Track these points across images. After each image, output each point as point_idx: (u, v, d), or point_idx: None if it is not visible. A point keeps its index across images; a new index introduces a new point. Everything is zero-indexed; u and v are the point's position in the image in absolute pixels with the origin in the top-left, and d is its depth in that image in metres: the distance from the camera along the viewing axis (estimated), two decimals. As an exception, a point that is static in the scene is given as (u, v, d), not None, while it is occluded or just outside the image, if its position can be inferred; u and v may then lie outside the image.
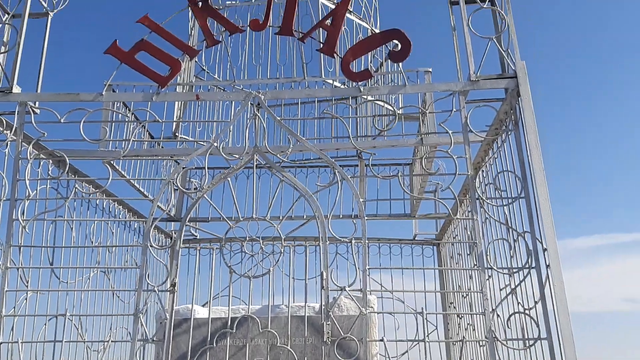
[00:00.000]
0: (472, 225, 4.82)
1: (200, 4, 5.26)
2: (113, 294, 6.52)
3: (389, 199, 7.69)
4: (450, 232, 7.80)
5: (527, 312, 4.62)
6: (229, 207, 7.66)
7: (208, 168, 5.04)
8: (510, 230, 4.89)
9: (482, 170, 5.82)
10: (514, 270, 4.77)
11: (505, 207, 4.98)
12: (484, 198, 4.99)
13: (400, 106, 6.44)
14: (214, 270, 4.97)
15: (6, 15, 5.53)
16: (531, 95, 4.82)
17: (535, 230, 4.70)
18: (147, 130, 6.87)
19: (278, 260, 4.85)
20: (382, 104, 6.65)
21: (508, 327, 4.68)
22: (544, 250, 4.59)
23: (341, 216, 7.93)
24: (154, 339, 4.69)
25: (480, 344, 6.01)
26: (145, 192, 7.11)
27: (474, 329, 6.29)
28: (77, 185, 5.52)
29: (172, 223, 8.34)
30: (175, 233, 8.28)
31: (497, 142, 5.32)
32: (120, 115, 5.94)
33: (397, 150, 6.53)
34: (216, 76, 7.62)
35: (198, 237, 8.29)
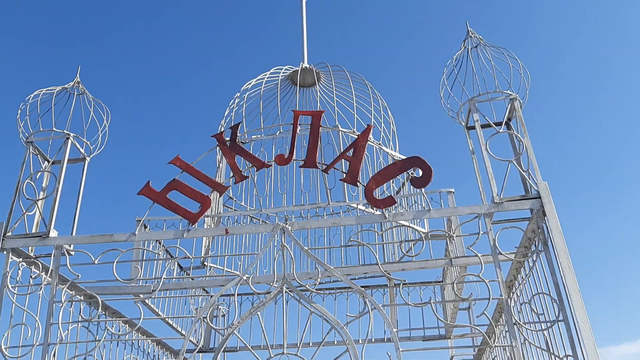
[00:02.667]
0: (512, 351, 4.63)
1: (228, 143, 5.54)
2: None
3: (423, 327, 7.50)
4: (489, 353, 7.48)
5: None
6: (257, 335, 7.54)
7: (237, 295, 5.02)
8: (552, 356, 4.69)
9: (516, 291, 5.69)
10: (562, 400, 4.50)
11: (544, 331, 4.81)
12: (522, 323, 4.83)
13: (426, 227, 6.48)
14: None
15: (46, 163, 5.88)
16: (557, 214, 4.83)
17: (577, 354, 4.50)
18: (177, 262, 6.96)
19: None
20: (407, 223, 6.69)
21: None
22: (591, 376, 4.36)
23: (373, 340, 7.70)
24: None
25: None
26: (174, 325, 7.06)
27: None
28: (108, 326, 5.52)
29: (201, 354, 8.18)
30: (204, 365, 8.09)
31: (528, 262, 5.25)
32: (151, 252, 6.07)
33: (426, 269, 6.46)
34: (243, 203, 7.83)
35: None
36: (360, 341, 4.79)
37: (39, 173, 5.74)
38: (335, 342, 7.01)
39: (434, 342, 7.71)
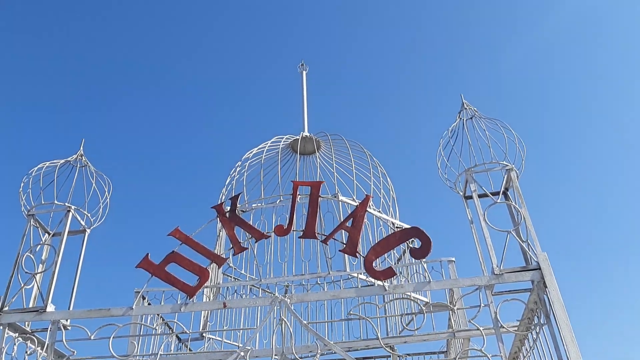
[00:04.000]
0: None
1: (227, 213, 5.58)
2: None
3: None
4: None
5: None
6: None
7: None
8: None
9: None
10: None
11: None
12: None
13: (428, 297, 6.41)
14: None
15: (46, 235, 5.90)
16: (558, 285, 4.79)
17: None
18: (175, 333, 6.84)
19: None
20: (409, 298, 6.62)
21: None
22: None
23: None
24: None
25: None
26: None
27: None
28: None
29: None
30: None
31: (531, 334, 5.16)
32: (149, 324, 5.99)
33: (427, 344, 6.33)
34: (243, 271, 7.78)
35: None
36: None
37: (39, 246, 5.74)
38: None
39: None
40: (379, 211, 7.37)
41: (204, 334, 7.15)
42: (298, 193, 5.72)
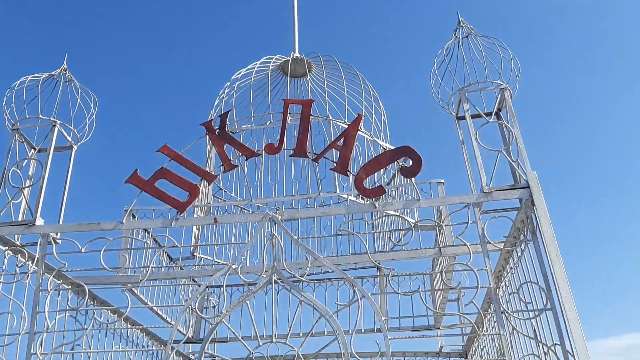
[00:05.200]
0: (500, 339, 4.65)
1: (217, 131, 5.50)
2: None
3: (412, 316, 7.50)
4: (478, 343, 7.51)
5: None
6: (248, 326, 7.51)
7: (227, 286, 4.99)
8: (540, 344, 4.71)
9: (505, 280, 5.71)
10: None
11: (532, 320, 4.83)
12: (510, 312, 4.85)
13: (416, 217, 6.47)
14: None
15: (32, 151, 5.81)
16: (546, 204, 4.83)
17: (565, 343, 4.53)
18: (166, 252, 6.92)
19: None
20: (397, 216, 6.68)
21: None
22: (578, 364, 4.38)
23: (363, 331, 7.70)
24: None
25: None
26: (164, 316, 7.02)
27: None
28: (96, 314, 5.48)
29: (191, 345, 8.14)
30: (194, 355, 8.06)
31: (516, 251, 5.27)
32: (139, 241, 6.02)
33: (416, 260, 6.45)
34: (233, 194, 7.79)
35: (217, 359, 8.08)
36: (349, 331, 4.77)
37: (25, 161, 5.67)
38: (325, 332, 7.01)
39: (423, 333, 7.74)
40: (370, 135, 7.32)
41: (195, 253, 7.23)
42: (289, 112, 5.63)
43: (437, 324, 7.62)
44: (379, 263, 7.27)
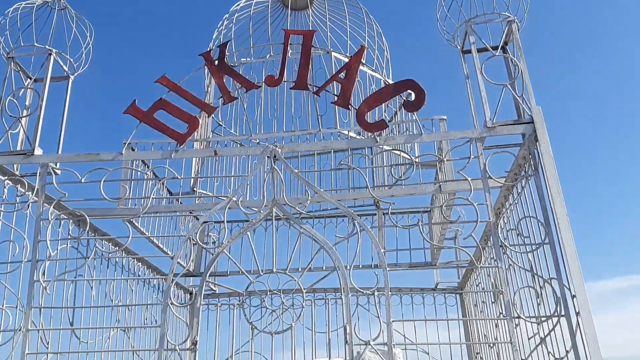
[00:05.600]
0: (497, 273, 4.71)
1: (216, 62, 5.38)
2: (133, 354, 6.44)
3: (409, 249, 7.59)
4: (474, 279, 7.65)
5: (560, 362, 4.45)
6: (247, 261, 7.61)
7: (227, 222, 5.01)
8: (536, 277, 4.78)
9: (503, 217, 5.74)
10: (543, 319, 4.62)
11: (529, 254, 4.88)
12: (507, 245, 4.89)
13: (417, 154, 6.43)
14: (235, 326, 4.88)
15: (28, 80, 5.71)
16: (549, 139, 4.79)
17: (562, 277, 4.59)
18: (165, 187, 6.92)
19: (300, 315, 4.75)
20: (398, 152, 6.65)
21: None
22: (573, 296, 4.46)
23: (361, 266, 7.82)
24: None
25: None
26: (164, 249, 7.10)
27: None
28: (97, 244, 5.52)
29: (192, 278, 8.28)
30: (194, 288, 8.21)
31: (517, 187, 5.27)
32: (139, 173, 6.00)
33: (415, 199, 6.48)
34: (233, 131, 7.72)
35: (217, 292, 8.24)
36: (348, 267, 4.81)
37: (22, 90, 5.57)
38: (324, 267, 7.11)
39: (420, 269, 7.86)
40: (373, 69, 7.18)
41: (195, 188, 7.23)
42: (290, 43, 5.49)
43: (434, 260, 7.73)
44: (378, 201, 7.31)
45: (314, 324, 4.81)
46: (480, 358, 7.40)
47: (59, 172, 5.25)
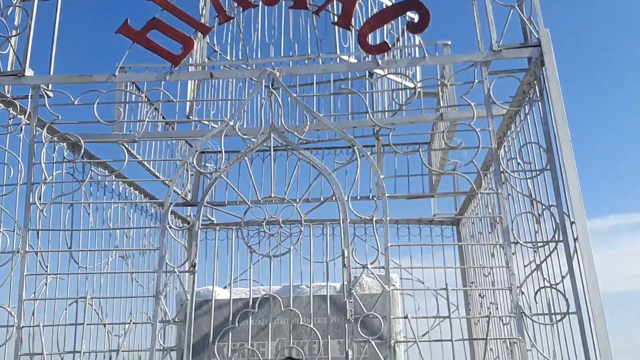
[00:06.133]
0: (497, 199, 4.68)
1: (211, -21, 5.14)
2: (132, 280, 6.50)
3: (407, 175, 7.57)
4: (471, 210, 7.66)
5: (555, 286, 4.49)
6: (245, 191, 7.59)
7: (224, 151, 4.92)
8: (536, 203, 4.76)
9: (505, 145, 5.67)
10: (541, 244, 4.64)
11: (530, 181, 4.84)
12: (508, 171, 4.85)
13: (419, 80, 6.29)
14: (233, 250, 4.89)
15: (16, -2, 5.46)
16: (556, 64, 4.65)
17: (562, 204, 4.57)
18: (160, 114, 6.79)
19: (299, 239, 4.75)
20: (399, 80, 6.50)
21: (535, 302, 4.57)
22: (572, 223, 4.46)
23: (359, 198, 7.82)
24: (176, 320, 4.64)
25: (505, 321, 5.90)
26: (161, 177, 7.05)
27: (496, 308, 6.17)
28: (92, 169, 5.45)
29: (189, 208, 8.28)
30: (192, 218, 8.23)
31: (520, 114, 5.17)
32: (133, 96, 5.86)
33: (415, 128, 6.35)
34: (228, 57, 7.51)
35: (215, 222, 8.26)
36: (346, 197, 4.76)
37: (10, 9, 5.34)
38: (322, 198, 7.09)
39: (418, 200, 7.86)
40: (375, -9, 6.90)
41: (191, 116, 7.11)
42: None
43: (432, 191, 7.73)
44: (377, 132, 7.23)
45: (312, 250, 4.82)
46: (475, 286, 7.51)
47: (50, 94, 5.10)
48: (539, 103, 4.73)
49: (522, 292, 4.70)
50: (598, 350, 4.11)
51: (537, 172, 4.68)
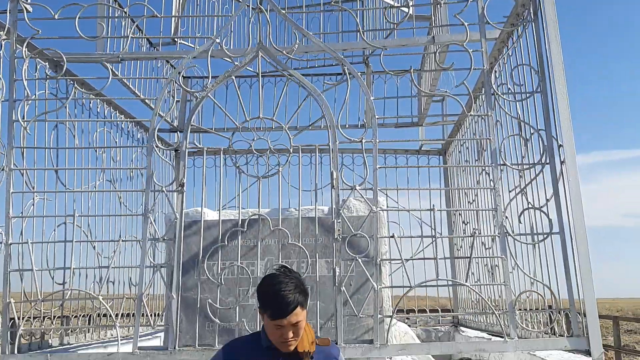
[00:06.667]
0: (486, 121, 4.68)
1: None
2: (120, 204, 6.50)
3: (397, 97, 7.53)
4: (458, 140, 7.68)
5: (540, 208, 4.57)
6: (232, 117, 7.53)
7: (210, 73, 4.80)
8: (524, 126, 4.76)
9: (496, 70, 5.61)
10: (528, 166, 4.68)
11: (519, 105, 4.83)
12: (500, 93, 4.82)
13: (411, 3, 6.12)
14: (222, 170, 4.88)
15: None
16: (552, -17, 4.54)
17: (550, 126, 4.59)
18: (144, 35, 6.57)
19: (287, 160, 4.74)
20: (391, 2, 6.32)
21: (519, 223, 4.66)
22: (560, 146, 4.49)
23: (347, 126, 7.79)
24: (165, 238, 4.67)
25: (487, 245, 6.05)
26: (147, 101, 6.92)
27: (479, 233, 6.28)
28: (76, 87, 5.31)
29: (176, 135, 8.19)
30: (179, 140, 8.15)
31: (512, 36, 5.09)
32: (117, 12, 5.65)
33: (406, 52, 6.21)
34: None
35: (201, 147, 8.19)
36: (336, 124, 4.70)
37: None
38: (311, 126, 7.03)
39: (406, 129, 7.86)
40: None
41: (176, 39, 6.91)
42: None
43: (421, 120, 7.71)
44: (367, 57, 7.10)
45: (300, 168, 4.81)
46: (459, 214, 7.65)
47: (30, 8, 4.90)
48: (533, 24, 4.66)
49: (506, 217, 4.77)
50: (579, 269, 4.24)
51: (528, 95, 4.66)
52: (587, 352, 4.15)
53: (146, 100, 6.82)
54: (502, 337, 4.24)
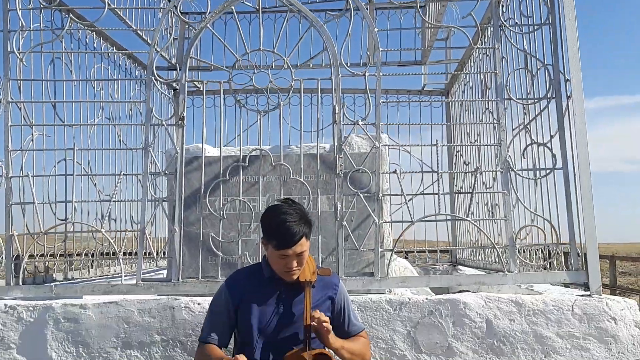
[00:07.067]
0: (493, 54, 4.58)
1: None
2: (120, 142, 6.46)
3: (400, 28, 7.38)
4: (462, 79, 7.56)
5: (544, 144, 4.53)
6: (231, 55, 7.39)
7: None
8: (532, 59, 4.66)
9: (503, 5, 5.45)
10: (534, 101, 4.61)
11: (526, 39, 4.71)
12: (507, 25, 4.70)
13: None
14: (222, 103, 4.82)
15: None
16: None
17: (558, 59, 4.49)
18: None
19: (288, 97, 4.66)
20: None
21: (522, 158, 4.63)
22: (567, 81, 4.41)
23: (349, 65, 7.62)
24: (166, 172, 4.65)
25: (488, 185, 6.04)
26: (145, 37, 6.76)
27: (481, 174, 6.24)
28: (72, 18, 5.15)
29: (174, 72, 8.03)
30: (177, 83, 8.02)
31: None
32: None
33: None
34: None
35: (201, 80, 8.07)
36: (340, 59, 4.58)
37: None
38: (312, 65, 6.89)
39: (409, 68, 7.70)
40: None
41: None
42: None
43: (424, 58, 7.55)
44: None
45: (302, 104, 4.74)
46: (460, 155, 7.60)
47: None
48: (543, -47, 4.48)
49: (509, 154, 4.74)
50: (581, 204, 4.24)
51: (536, 27, 4.54)
52: (586, 286, 4.19)
53: (143, 36, 6.66)
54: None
